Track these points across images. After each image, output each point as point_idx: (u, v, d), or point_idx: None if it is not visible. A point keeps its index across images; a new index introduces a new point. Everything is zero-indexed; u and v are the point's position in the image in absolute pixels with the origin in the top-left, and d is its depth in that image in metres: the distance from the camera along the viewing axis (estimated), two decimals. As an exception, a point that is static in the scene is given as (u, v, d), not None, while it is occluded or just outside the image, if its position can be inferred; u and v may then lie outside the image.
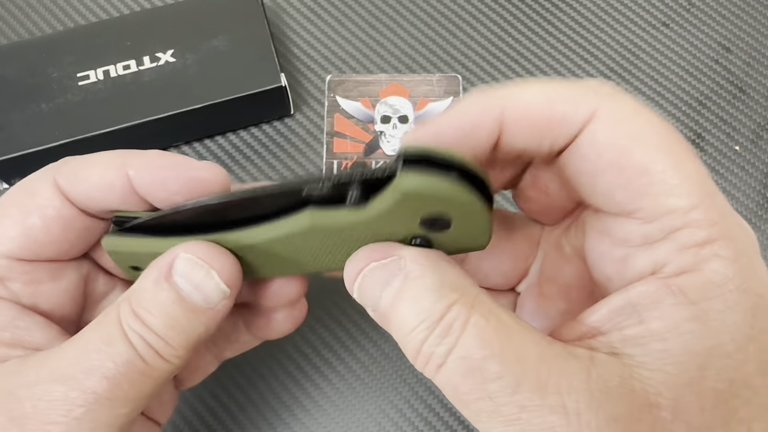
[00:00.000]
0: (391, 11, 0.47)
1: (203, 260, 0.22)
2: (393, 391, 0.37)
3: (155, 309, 0.22)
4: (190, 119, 0.40)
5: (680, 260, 0.19)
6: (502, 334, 0.19)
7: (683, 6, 0.47)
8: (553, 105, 0.20)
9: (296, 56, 0.45)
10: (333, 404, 0.36)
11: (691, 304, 0.18)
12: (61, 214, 0.24)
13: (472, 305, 0.19)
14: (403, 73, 0.45)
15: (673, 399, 0.18)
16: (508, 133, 0.20)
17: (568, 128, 0.20)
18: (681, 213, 0.19)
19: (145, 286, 0.23)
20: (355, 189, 0.21)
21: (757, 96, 0.44)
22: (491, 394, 0.18)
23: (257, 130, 0.43)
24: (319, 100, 0.44)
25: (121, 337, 0.22)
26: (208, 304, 0.23)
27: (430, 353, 0.19)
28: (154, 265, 0.23)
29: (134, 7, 0.46)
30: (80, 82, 0.39)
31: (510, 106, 0.20)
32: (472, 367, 0.19)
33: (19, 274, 0.24)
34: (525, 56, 0.45)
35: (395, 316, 0.20)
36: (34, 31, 0.45)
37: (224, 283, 0.23)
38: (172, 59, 0.40)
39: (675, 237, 0.19)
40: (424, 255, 0.21)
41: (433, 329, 0.19)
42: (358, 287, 0.21)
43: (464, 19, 0.46)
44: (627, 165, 0.19)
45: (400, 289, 0.20)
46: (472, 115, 0.20)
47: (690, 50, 0.45)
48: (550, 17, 0.46)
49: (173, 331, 0.22)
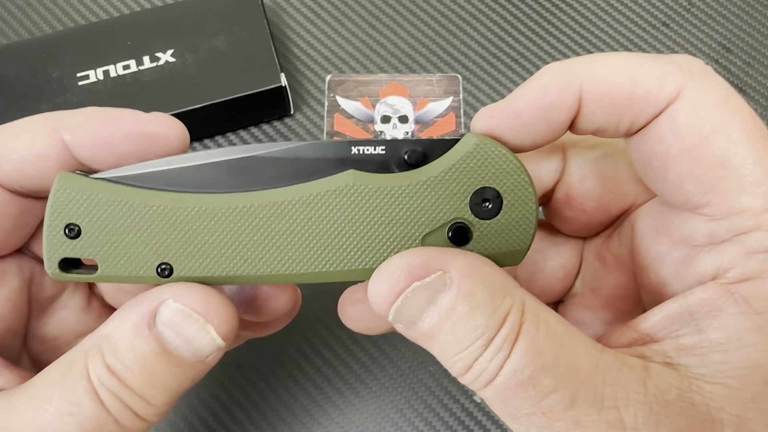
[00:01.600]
0: (391, 11, 0.47)
1: (198, 312, 0.19)
2: (393, 391, 0.37)
3: (134, 363, 0.18)
4: (189, 119, 0.39)
5: (746, 265, 0.17)
6: (553, 343, 0.18)
7: (683, 6, 0.47)
8: (637, 81, 0.18)
9: (296, 56, 0.45)
10: (333, 404, 0.36)
11: (756, 314, 0.17)
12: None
13: (521, 311, 0.18)
14: (403, 73, 0.45)
15: (736, 415, 0.17)
16: (587, 110, 0.19)
17: (651, 107, 0.18)
18: (753, 214, 0.17)
19: (121, 333, 0.19)
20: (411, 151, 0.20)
21: (757, 96, 0.44)
22: (545, 410, 0.17)
23: (257, 130, 0.43)
24: (319, 100, 0.44)
25: (90, 397, 0.18)
26: (198, 357, 0.19)
27: (481, 370, 0.18)
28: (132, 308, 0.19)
29: (134, 7, 0.46)
30: (80, 82, 0.39)
31: (590, 80, 0.18)
32: (524, 381, 0.17)
33: None
34: (525, 56, 0.45)
35: (442, 336, 0.18)
36: (34, 31, 0.45)
37: (221, 338, 0.19)
38: (172, 59, 0.40)
39: (743, 239, 0.17)
40: (469, 264, 0.18)
41: (488, 346, 0.18)
42: (397, 309, 0.18)
43: (464, 19, 0.46)
44: (705, 154, 0.17)
45: (450, 308, 0.18)
46: (551, 93, 0.19)
47: (690, 50, 0.45)
48: (550, 17, 0.46)
49: (155, 388, 0.19)
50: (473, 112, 0.43)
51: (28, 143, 0.20)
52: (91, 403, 0.18)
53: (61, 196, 0.19)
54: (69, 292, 0.24)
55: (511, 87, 0.44)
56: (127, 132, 0.20)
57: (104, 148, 0.20)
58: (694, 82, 0.18)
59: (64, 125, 0.20)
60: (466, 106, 0.44)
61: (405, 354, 0.37)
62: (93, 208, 0.19)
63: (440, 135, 0.43)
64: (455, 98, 0.44)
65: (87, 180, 0.19)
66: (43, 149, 0.20)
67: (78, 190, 0.19)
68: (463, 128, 0.43)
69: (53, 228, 0.19)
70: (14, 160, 0.20)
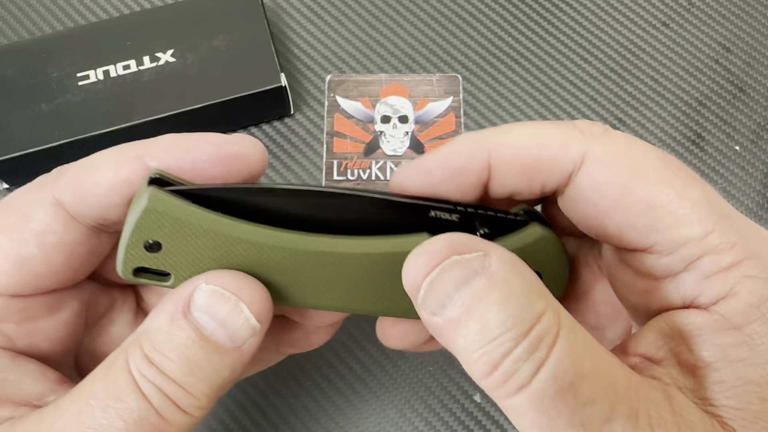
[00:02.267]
0: (391, 11, 0.47)
1: (230, 291, 0.19)
2: (393, 391, 0.37)
3: (172, 352, 0.18)
4: (190, 119, 0.40)
5: (711, 288, 0.18)
6: (592, 353, 0.17)
7: (683, 6, 0.47)
8: (542, 147, 0.19)
9: (296, 56, 0.45)
10: (333, 403, 0.36)
11: (736, 329, 0.17)
12: (63, 240, 0.20)
13: (558, 315, 0.17)
14: (403, 73, 0.45)
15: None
16: (498, 175, 0.20)
17: (558, 170, 0.19)
18: (696, 241, 0.18)
19: (158, 324, 0.19)
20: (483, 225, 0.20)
21: (757, 96, 0.44)
22: (584, 421, 0.16)
23: (257, 130, 0.43)
24: (319, 100, 0.44)
25: (131, 389, 0.18)
26: (235, 342, 0.19)
27: (512, 371, 0.16)
28: (168, 299, 0.19)
29: (134, 7, 0.46)
30: (80, 82, 0.39)
31: (497, 148, 0.20)
32: (564, 389, 0.16)
33: (12, 313, 0.20)
34: (525, 56, 0.45)
35: (470, 323, 0.17)
36: (34, 31, 0.45)
37: (255, 317, 0.19)
38: (172, 59, 0.40)
39: (697, 266, 0.18)
40: (511, 256, 0.18)
41: (520, 341, 0.16)
42: (430, 284, 0.18)
43: (464, 19, 0.46)
44: (631, 202, 0.18)
45: (484, 291, 0.17)
46: (459, 157, 0.20)
47: (690, 50, 0.45)
48: (550, 17, 0.46)
49: (194, 377, 0.19)
50: (473, 112, 0.43)
51: (111, 174, 0.20)
52: (133, 395, 0.18)
53: (150, 213, 0.19)
54: (118, 308, 0.24)
55: (511, 87, 0.44)
56: (213, 155, 0.20)
57: (191, 172, 0.20)
58: (596, 142, 0.19)
59: (147, 153, 0.20)
60: (466, 106, 0.44)
61: (405, 354, 0.37)
62: (179, 231, 0.19)
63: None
64: (455, 98, 0.44)
65: (177, 203, 0.19)
66: (128, 177, 0.20)
67: (167, 211, 0.19)
68: (463, 128, 0.43)
69: (135, 239, 0.19)
70: (98, 193, 0.20)
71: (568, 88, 0.44)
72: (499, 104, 0.44)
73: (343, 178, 0.42)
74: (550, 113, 0.44)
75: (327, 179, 0.41)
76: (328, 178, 0.41)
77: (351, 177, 0.42)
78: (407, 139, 0.43)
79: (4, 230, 0.20)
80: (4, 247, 0.20)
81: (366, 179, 0.41)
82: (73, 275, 0.21)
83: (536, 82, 0.44)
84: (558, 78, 0.45)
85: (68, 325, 0.22)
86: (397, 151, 0.42)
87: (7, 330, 0.20)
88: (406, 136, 0.43)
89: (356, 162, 0.42)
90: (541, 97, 0.44)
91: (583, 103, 0.44)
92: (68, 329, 0.22)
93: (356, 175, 0.42)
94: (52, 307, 0.21)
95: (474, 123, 0.43)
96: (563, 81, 0.44)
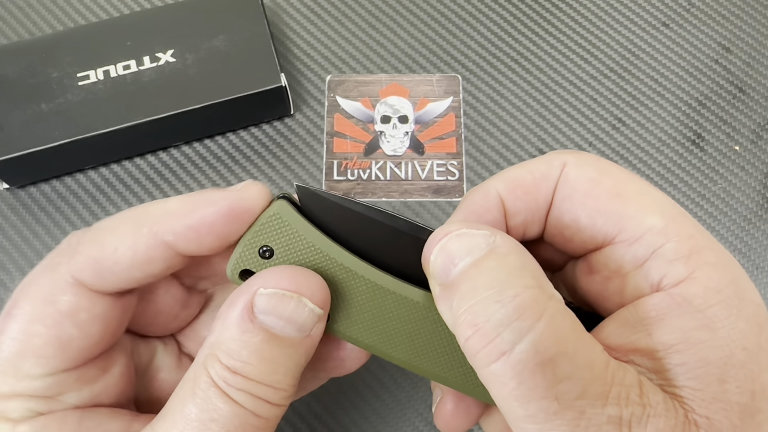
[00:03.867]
0: (391, 11, 0.47)
1: (290, 289, 0.20)
2: (393, 390, 0.37)
3: (250, 357, 0.19)
4: (190, 119, 0.40)
5: (674, 271, 0.19)
6: (576, 337, 0.18)
7: (683, 6, 0.47)
8: (532, 170, 0.23)
9: (296, 56, 0.45)
10: (334, 403, 0.36)
11: (697, 311, 0.18)
12: (93, 313, 0.21)
13: (550, 297, 0.18)
14: (403, 73, 0.45)
15: (705, 416, 0.18)
16: (510, 203, 0.23)
17: (549, 181, 0.22)
18: (659, 230, 0.20)
19: (229, 335, 0.20)
20: None
21: (757, 96, 0.44)
22: (558, 395, 0.17)
23: (257, 130, 0.43)
24: (319, 100, 0.44)
25: (223, 400, 0.19)
26: (304, 333, 0.20)
27: (493, 335, 0.17)
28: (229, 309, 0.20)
29: (134, 7, 0.46)
30: (80, 82, 0.39)
31: (501, 183, 0.23)
32: (544, 362, 0.17)
33: (70, 384, 0.21)
34: (525, 56, 0.45)
35: (465, 283, 0.18)
36: (34, 31, 0.45)
37: (318, 306, 0.21)
38: (172, 59, 0.40)
39: (660, 253, 0.20)
40: (516, 242, 0.20)
41: (505, 304, 0.17)
42: (441, 248, 0.19)
43: (464, 19, 0.46)
44: (600, 191, 0.21)
45: (482, 258, 0.19)
46: (478, 201, 0.23)
47: (690, 50, 0.45)
48: (550, 17, 0.46)
49: (278, 374, 0.20)
50: (473, 112, 0.43)
51: (130, 253, 0.21)
52: (226, 405, 0.19)
53: (273, 221, 0.21)
54: (159, 355, 0.25)
55: (511, 87, 0.44)
56: (226, 214, 0.21)
57: (208, 237, 0.21)
58: (572, 156, 0.22)
59: (161, 228, 0.21)
60: (466, 106, 0.44)
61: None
62: (293, 243, 0.21)
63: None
64: (455, 98, 0.44)
65: (299, 219, 0.21)
66: (148, 255, 0.21)
67: (289, 224, 0.21)
68: (463, 128, 0.43)
69: (251, 243, 0.21)
70: (118, 272, 0.21)
71: (568, 88, 0.44)
72: (499, 104, 0.44)
73: (343, 178, 0.42)
74: (550, 113, 0.44)
75: (327, 179, 0.41)
76: (328, 178, 0.41)
77: (351, 177, 0.42)
78: (407, 139, 0.43)
79: (36, 319, 0.21)
80: (42, 335, 0.21)
81: (366, 179, 0.41)
82: (112, 336, 0.22)
83: (536, 82, 0.44)
84: (558, 78, 0.45)
85: (123, 377, 0.23)
86: (397, 151, 0.42)
87: (71, 399, 0.21)
88: (406, 136, 0.43)
89: (356, 162, 0.42)
90: (541, 97, 0.44)
91: (583, 103, 0.44)
92: (123, 381, 0.23)
93: (356, 175, 0.42)
94: (103, 367, 0.22)
95: (474, 123, 0.43)
96: (563, 81, 0.44)
